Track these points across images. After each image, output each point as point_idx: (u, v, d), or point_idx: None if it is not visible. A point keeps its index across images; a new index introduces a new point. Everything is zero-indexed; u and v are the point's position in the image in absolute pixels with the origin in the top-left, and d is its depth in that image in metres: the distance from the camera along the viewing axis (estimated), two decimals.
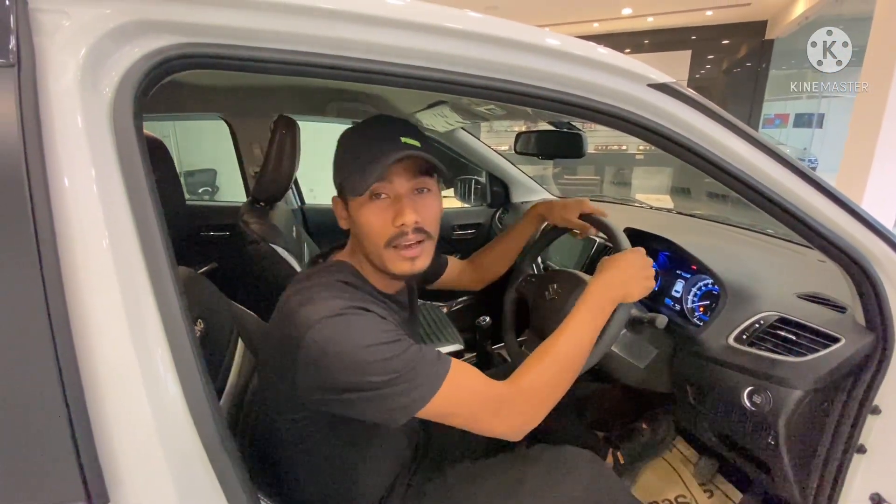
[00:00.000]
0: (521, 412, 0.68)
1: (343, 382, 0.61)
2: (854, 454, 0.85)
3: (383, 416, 0.63)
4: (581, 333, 0.74)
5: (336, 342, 0.61)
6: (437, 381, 0.63)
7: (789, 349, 0.88)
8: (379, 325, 0.65)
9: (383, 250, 0.71)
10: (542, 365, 0.70)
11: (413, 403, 0.62)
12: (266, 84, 1.55)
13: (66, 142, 0.43)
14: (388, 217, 0.70)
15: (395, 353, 0.62)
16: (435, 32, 0.55)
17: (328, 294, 0.67)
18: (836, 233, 0.75)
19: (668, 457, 1.46)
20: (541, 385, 0.69)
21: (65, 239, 0.42)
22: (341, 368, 0.61)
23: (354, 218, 0.72)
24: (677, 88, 0.65)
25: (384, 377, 0.61)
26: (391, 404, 0.62)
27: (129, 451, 0.43)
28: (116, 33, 0.45)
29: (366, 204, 0.70)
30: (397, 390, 0.61)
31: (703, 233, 1.54)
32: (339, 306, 0.64)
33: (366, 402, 0.62)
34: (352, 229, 0.76)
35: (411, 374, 0.62)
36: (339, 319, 0.62)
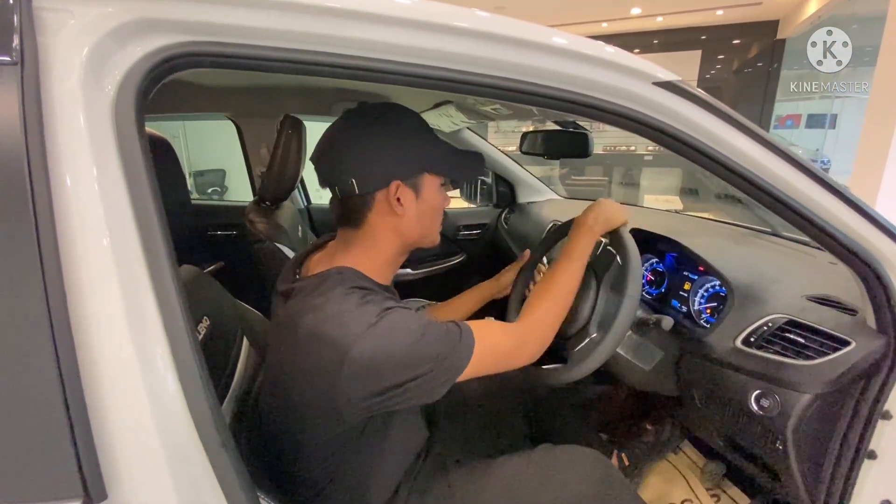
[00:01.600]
0: (535, 342, 0.80)
1: (395, 383, 0.64)
2: (864, 460, 0.83)
3: (430, 396, 0.68)
4: (572, 267, 0.86)
5: (383, 349, 0.63)
6: (469, 352, 0.69)
7: (798, 352, 0.86)
8: (411, 318, 0.68)
9: (438, 226, 0.82)
10: (546, 302, 0.82)
11: (452, 377, 0.68)
12: (273, 84, 1.56)
13: (68, 140, 0.43)
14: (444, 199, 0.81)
15: (433, 340, 0.67)
16: (441, 31, 0.55)
17: (350, 307, 0.66)
18: (847, 234, 0.73)
19: (675, 460, 1.45)
20: (546, 316, 0.82)
21: (66, 237, 0.42)
22: (392, 371, 0.64)
23: (432, 201, 0.77)
24: (683, 87, 0.64)
25: (431, 363, 0.65)
26: (434, 383, 0.67)
27: (128, 448, 0.44)
28: (119, 32, 0.45)
29: (440, 188, 0.78)
30: (440, 370, 0.66)
31: (711, 234, 1.52)
32: (371, 314, 0.64)
33: (414, 391, 0.66)
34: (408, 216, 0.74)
35: (448, 350, 0.67)
36: (378, 328, 0.63)
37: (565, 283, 0.85)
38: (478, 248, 2.36)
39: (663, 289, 1.25)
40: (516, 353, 0.78)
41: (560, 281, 0.85)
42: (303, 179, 2.22)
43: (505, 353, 0.76)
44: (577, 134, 1.31)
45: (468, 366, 0.69)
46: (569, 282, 0.85)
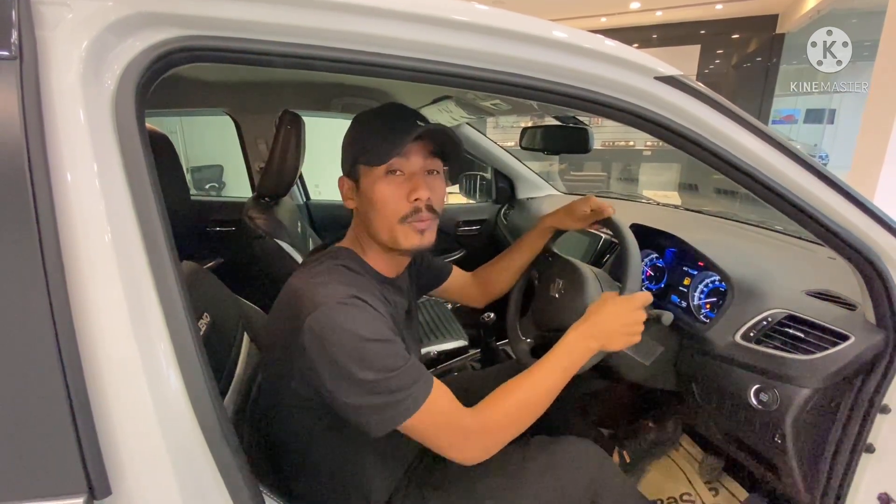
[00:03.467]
0: (481, 446, 0.71)
1: (337, 370, 0.62)
2: (863, 453, 0.83)
3: (363, 420, 0.64)
4: (552, 378, 0.75)
5: (335, 329, 0.62)
6: (420, 401, 0.64)
7: (797, 347, 0.87)
8: (378, 322, 0.66)
9: (396, 225, 0.73)
10: (508, 403, 0.72)
11: (393, 417, 0.63)
12: (271, 79, 1.55)
13: (68, 135, 0.43)
14: (402, 193, 0.72)
15: (391, 353, 0.64)
16: (441, 25, 0.55)
17: (330, 279, 0.69)
18: (846, 229, 0.73)
19: (674, 455, 1.46)
20: (503, 422, 0.71)
21: (67, 233, 0.42)
22: (337, 355, 0.62)
23: (368, 193, 0.73)
24: (685, 81, 0.64)
25: (379, 375, 0.62)
26: (373, 414, 0.63)
27: (132, 443, 0.44)
28: (118, 26, 0.45)
29: (382, 179, 0.72)
30: (381, 399, 0.62)
31: (711, 229, 1.52)
32: (342, 294, 0.65)
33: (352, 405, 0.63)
34: (359, 208, 0.77)
35: (397, 382, 0.63)
36: (340, 308, 0.64)
37: (538, 394, 0.74)
38: (477, 244, 2.35)
39: (663, 284, 1.25)
40: (457, 442, 0.69)
41: (531, 386, 0.73)
42: (302, 175, 2.22)
43: (448, 432, 0.68)
44: (577, 129, 1.31)
45: (413, 415, 0.63)
46: (543, 393, 0.74)
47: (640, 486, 1.38)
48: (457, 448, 0.69)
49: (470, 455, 0.70)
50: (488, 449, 0.71)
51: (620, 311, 0.80)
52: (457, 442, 0.69)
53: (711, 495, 1.32)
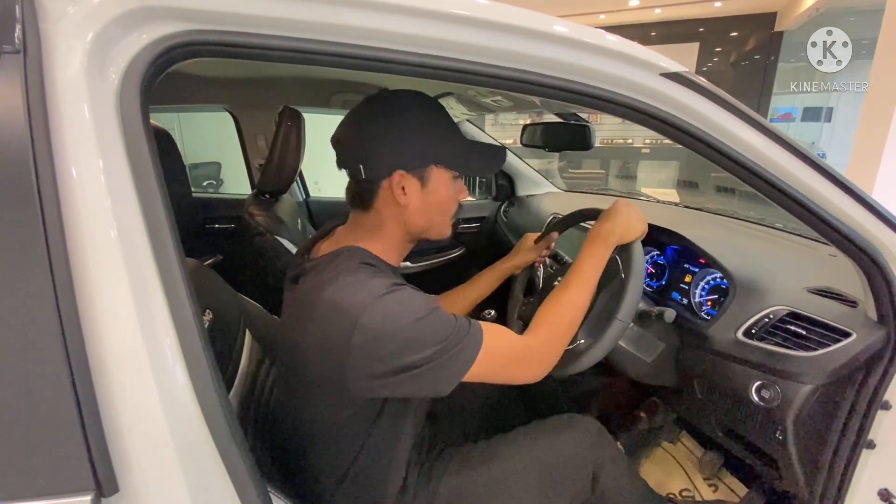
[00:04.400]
0: (544, 359, 0.77)
1: (398, 363, 0.63)
2: (863, 449, 0.84)
3: (436, 386, 0.66)
4: (584, 280, 0.83)
5: (392, 320, 0.63)
6: (477, 346, 0.68)
7: (799, 344, 0.87)
8: (420, 297, 0.68)
9: (449, 220, 0.81)
10: (554, 316, 0.79)
11: (460, 370, 0.67)
12: (271, 75, 1.54)
13: (72, 130, 0.43)
14: (456, 194, 0.79)
15: (441, 322, 0.66)
16: (443, 19, 0.54)
17: (362, 278, 0.68)
18: (848, 225, 0.74)
19: (673, 451, 1.46)
20: (556, 332, 0.78)
21: (72, 229, 0.42)
22: (398, 347, 0.63)
23: (440, 192, 0.76)
24: (691, 78, 0.64)
25: (437, 346, 0.64)
26: (441, 374, 0.65)
27: (139, 440, 0.43)
28: (123, 19, 0.45)
29: (452, 181, 0.77)
30: (446, 358, 0.65)
31: (712, 226, 1.52)
32: (382, 286, 0.65)
33: (420, 377, 0.64)
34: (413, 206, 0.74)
35: (456, 339, 0.66)
36: (387, 299, 0.64)
37: (575, 299, 0.81)
38: (477, 242, 2.35)
39: (664, 281, 1.25)
40: (524, 365, 0.75)
41: (570, 297, 0.81)
42: (301, 172, 2.21)
43: (513, 361, 0.74)
44: (578, 126, 1.31)
45: (475, 362, 0.67)
46: (579, 297, 0.81)
47: None
48: (524, 370, 0.75)
49: (537, 371, 0.76)
50: (551, 361, 0.78)
51: (621, 210, 0.89)
52: (523, 365, 0.75)
53: (711, 491, 1.33)
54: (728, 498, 1.30)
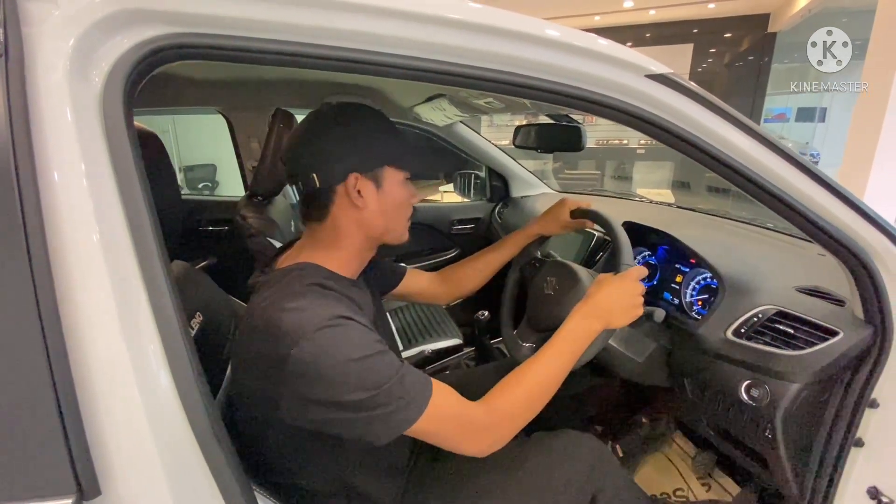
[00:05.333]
0: (492, 435, 0.70)
1: (330, 399, 0.60)
2: (851, 448, 0.85)
3: (366, 434, 0.63)
4: (559, 362, 0.76)
5: (325, 356, 0.59)
6: (421, 405, 0.63)
7: (787, 343, 0.87)
8: (366, 336, 0.64)
9: (405, 223, 0.80)
10: (517, 390, 0.72)
11: (398, 425, 0.62)
12: (263, 77, 1.54)
13: (55, 134, 0.43)
14: (411, 195, 0.79)
15: (380, 368, 0.62)
16: (433, 22, 0.55)
17: (308, 302, 0.65)
18: (835, 226, 0.74)
19: (667, 451, 1.47)
20: (514, 410, 0.71)
21: (54, 233, 0.42)
22: (328, 384, 0.59)
23: (395, 194, 0.76)
24: (676, 79, 0.64)
25: (371, 393, 0.60)
26: (375, 426, 0.62)
27: (121, 443, 0.43)
28: (105, 23, 0.45)
29: (404, 183, 0.77)
30: (383, 411, 0.61)
31: (703, 226, 1.53)
32: (324, 316, 0.62)
33: (350, 421, 0.61)
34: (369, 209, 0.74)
35: (396, 391, 0.62)
36: (324, 333, 0.61)
37: (547, 379, 0.74)
38: (472, 243, 2.36)
39: (655, 281, 1.26)
40: (468, 436, 0.68)
41: (537, 372, 0.74)
42: None
43: (459, 428, 0.68)
44: (570, 127, 1.31)
45: (417, 420, 0.63)
46: (552, 377, 0.74)
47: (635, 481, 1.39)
48: (469, 441, 0.69)
49: (484, 446, 0.70)
50: (502, 438, 0.71)
51: (619, 287, 0.80)
52: (469, 435, 0.69)
53: (704, 490, 1.34)
54: (721, 497, 1.30)
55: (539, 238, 1.16)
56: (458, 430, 0.68)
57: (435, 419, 0.64)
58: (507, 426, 0.71)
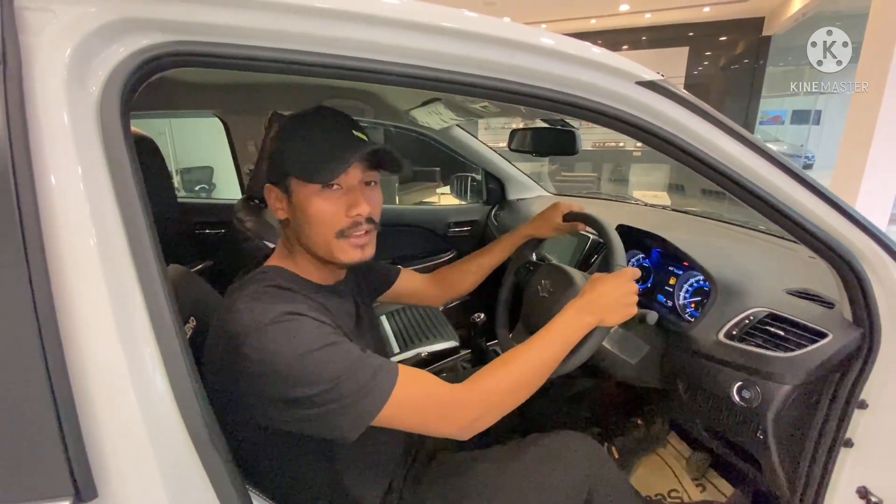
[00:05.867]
0: (471, 413, 0.68)
1: (282, 396, 0.59)
2: (841, 448, 0.86)
3: (330, 431, 0.62)
4: (549, 351, 0.75)
5: (272, 352, 0.59)
6: (385, 392, 0.62)
7: (778, 345, 0.89)
8: (315, 329, 0.63)
9: (333, 240, 0.72)
10: (502, 372, 0.71)
11: (362, 416, 0.61)
12: (260, 81, 1.55)
13: (52, 140, 0.43)
14: (341, 207, 0.71)
15: (335, 360, 0.61)
16: (428, 31, 0.55)
17: (257, 304, 0.64)
18: (824, 230, 0.75)
19: (662, 452, 1.48)
20: (497, 391, 0.70)
21: (52, 237, 0.42)
22: (279, 380, 0.59)
23: (303, 208, 0.70)
24: (665, 86, 0.65)
25: (326, 386, 0.59)
26: (338, 418, 0.60)
27: (118, 446, 0.44)
28: (102, 31, 0.45)
29: (318, 193, 0.70)
30: (344, 403, 0.60)
31: (696, 230, 1.55)
32: (273, 312, 0.62)
33: (315, 418, 0.60)
34: (291, 220, 0.74)
35: (356, 381, 0.61)
36: (273, 328, 0.60)
37: (535, 366, 0.73)
38: (468, 245, 2.36)
39: (649, 284, 1.27)
40: (445, 417, 0.66)
41: (528, 357, 0.73)
42: None
43: (432, 411, 0.66)
44: (564, 131, 1.32)
45: (384, 406, 0.61)
46: (540, 365, 0.73)
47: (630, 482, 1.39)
48: (447, 421, 0.67)
49: (463, 423, 0.67)
50: (482, 417, 0.68)
51: (614, 286, 0.80)
52: (445, 415, 0.67)
53: (698, 491, 1.34)
54: (715, 498, 1.31)
55: (533, 241, 1.17)
56: (432, 412, 0.66)
57: (403, 406, 0.63)
58: (487, 405, 0.69)
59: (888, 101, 3.68)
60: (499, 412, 0.70)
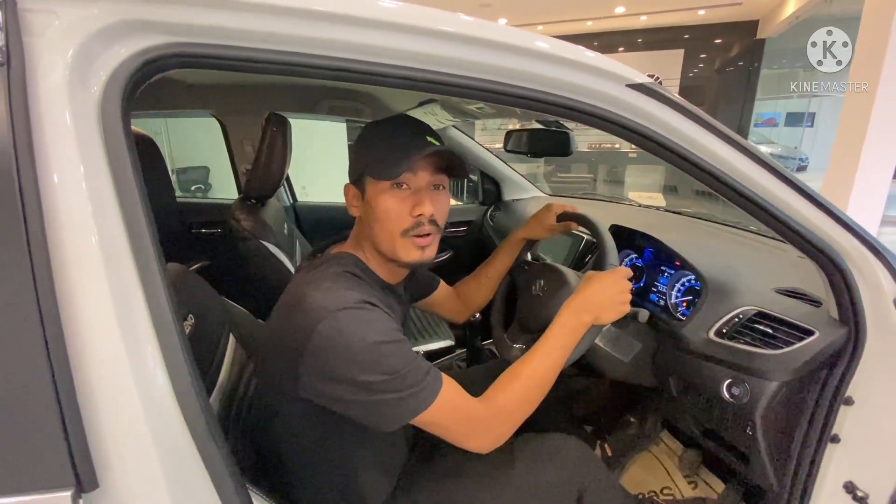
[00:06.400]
0: (495, 432, 0.73)
1: (346, 376, 0.63)
2: (828, 444, 0.87)
3: (374, 418, 0.66)
4: (552, 356, 0.78)
5: (346, 334, 0.63)
6: (433, 394, 0.66)
7: (766, 342, 0.90)
8: (388, 324, 0.67)
9: (398, 238, 0.75)
10: (513, 386, 0.74)
11: (406, 413, 0.65)
12: (257, 82, 1.56)
13: (55, 139, 0.44)
14: (407, 207, 0.74)
15: (399, 355, 0.65)
16: (423, 34, 0.56)
17: (339, 285, 0.69)
18: (810, 230, 0.77)
19: (655, 450, 1.49)
20: (512, 407, 0.74)
21: (54, 235, 0.43)
22: (347, 362, 0.63)
23: (373, 204, 0.75)
24: (654, 88, 0.67)
25: (387, 377, 0.63)
26: (384, 408, 0.64)
27: (119, 438, 0.45)
28: (104, 33, 0.46)
29: (388, 191, 0.74)
30: (393, 395, 0.64)
31: (688, 230, 1.57)
32: (351, 299, 0.66)
33: (362, 402, 0.64)
34: (363, 217, 0.78)
35: (411, 379, 0.65)
36: (351, 313, 0.64)
37: (541, 374, 0.76)
38: (464, 245, 2.38)
39: (642, 283, 1.29)
40: (471, 431, 0.71)
41: (533, 368, 0.76)
42: (288, 177, 2.22)
43: (462, 423, 0.70)
44: (559, 132, 1.34)
45: (427, 408, 0.65)
46: (545, 373, 0.77)
47: (623, 480, 1.41)
48: (473, 437, 0.71)
49: (486, 442, 0.73)
50: (503, 434, 0.73)
51: (607, 284, 0.83)
52: (472, 431, 0.71)
53: (690, 488, 1.36)
54: (707, 495, 1.33)
55: (527, 242, 1.18)
56: (462, 424, 0.70)
57: (443, 411, 0.67)
58: (506, 421, 0.74)
59: (880, 103, 3.73)
60: (516, 424, 0.75)
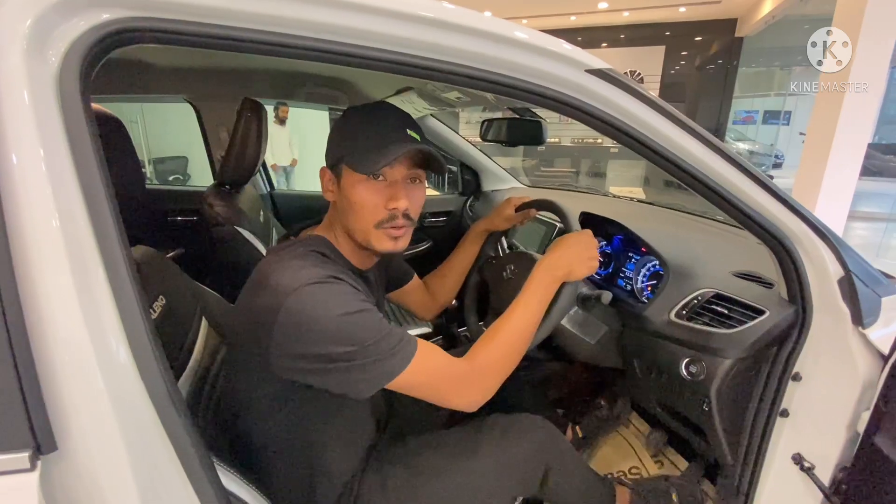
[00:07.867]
0: (479, 387, 0.76)
1: (316, 351, 0.64)
2: (777, 418, 0.92)
3: (350, 387, 0.67)
4: (529, 311, 0.81)
5: (312, 309, 0.64)
6: (406, 358, 0.68)
7: (722, 322, 0.95)
8: (353, 295, 0.69)
9: (371, 229, 0.76)
10: (495, 342, 0.77)
11: (382, 376, 0.67)
12: (233, 66, 1.54)
13: (12, 115, 0.44)
14: (382, 199, 0.75)
15: (370, 324, 0.67)
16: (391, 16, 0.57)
17: (304, 263, 0.70)
18: (761, 214, 0.81)
19: (623, 431, 1.54)
20: (495, 361, 0.77)
21: (13, 216, 0.43)
22: (316, 336, 0.64)
23: (348, 193, 0.75)
24: (612, 74, 0.69)
25: (359, 347, 0.64)
26: (359, 375, 0.66)
27: (80, 408, 0.45)
28: (62, 5, 0.46)
29: (363, 182, 0.74)
30: (369, 362, 0.65)
31: (656, 218, 1.62)
32: (316, 275, 0.67)
33: (335, 373, 0.65)
34: (338, 203, 0.79)
35: (381, 345, 0.66)
36: (315, 287, 0.66)
37: (520, 329, 0.79)
38: (444, 236, 2.40)
39: (611, 269, 1.32)
40: (456, 389, 0.74)
41: (511, 325, 0.79)
42: (265, 164, 2.20)
43: (445, 381, 0.72)
44: (531, 122, 1.36)
45: (401, 373, 0.67)
46: (524, 327, 0.80)
47: (594, 461, 1.46)
48: (458, 394, 0.74)
49: (474, 397, 0.75)
50: (489, 388, 0.76)
51: (575, 242, 0.87)
52: (456, 388, 0.73)
53: (657, 467, 1.41)
54: (671, 472, 1.38)
55: (492, 237, 1.22)
56: (445, 382, 0.72)
57: (422, 372, 0.69)
58: (491, 375, 0.76)
59: (848, 101, 3.85)
60: (499, 380, 0.77)
